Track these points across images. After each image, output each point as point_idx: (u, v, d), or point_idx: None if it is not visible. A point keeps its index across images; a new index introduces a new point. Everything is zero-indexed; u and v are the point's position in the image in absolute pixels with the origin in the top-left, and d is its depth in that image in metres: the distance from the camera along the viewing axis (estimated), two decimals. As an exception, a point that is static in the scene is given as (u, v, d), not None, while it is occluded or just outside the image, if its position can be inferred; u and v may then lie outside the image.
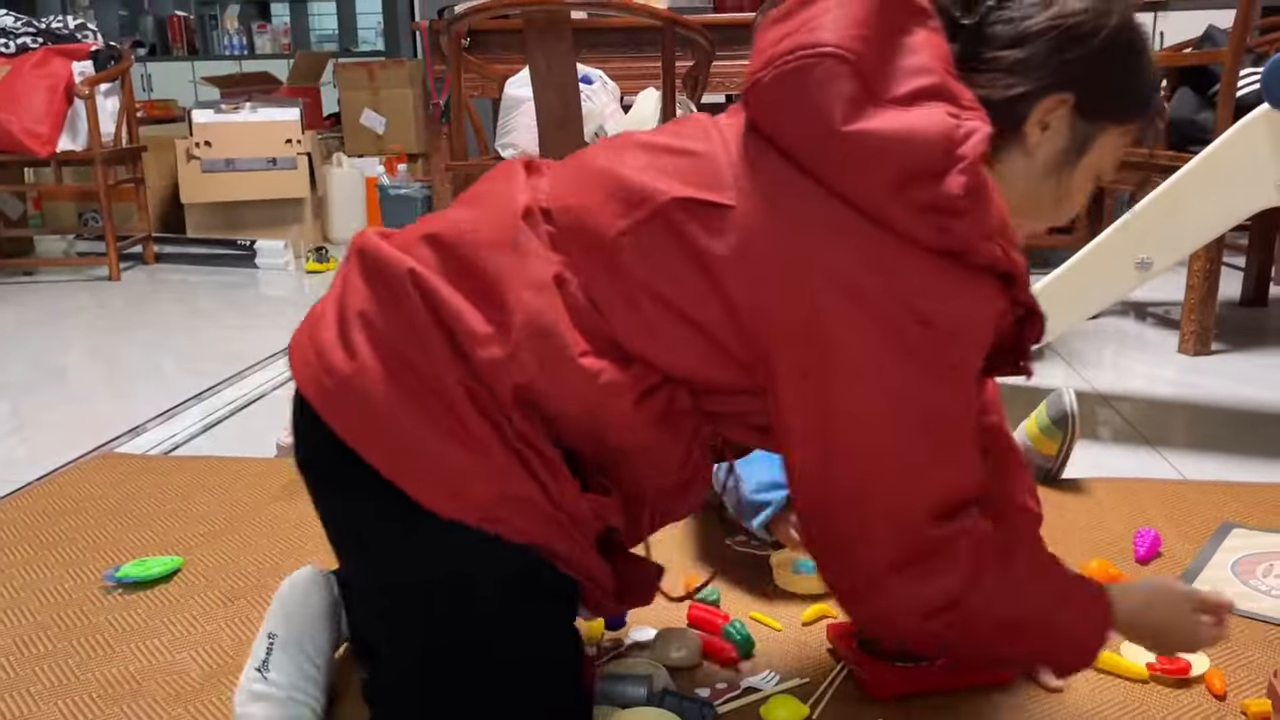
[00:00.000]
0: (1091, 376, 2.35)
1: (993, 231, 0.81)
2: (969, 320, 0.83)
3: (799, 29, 0.82)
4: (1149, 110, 0.94)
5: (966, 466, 0.88)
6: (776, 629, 1.26)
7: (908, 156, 0.79)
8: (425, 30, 3.25)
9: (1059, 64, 0.88)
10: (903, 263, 0.80)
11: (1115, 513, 1.58)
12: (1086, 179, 0.94)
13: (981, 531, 0.88)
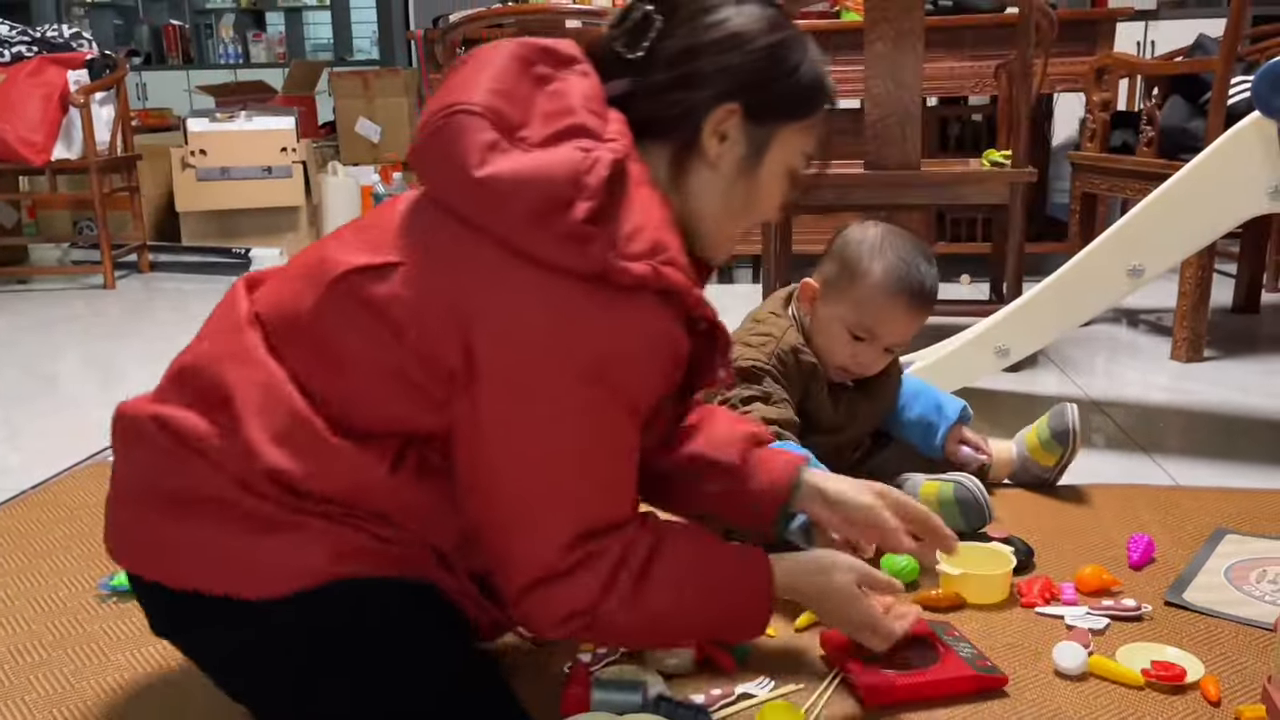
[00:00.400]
0: (1084, 383, 2.35)
1: (639, 252, 0.86)
2: (623, 340, 0.87)
3: (447, 93, 0.90)
4: (820, 105, 1.00)
5: (616, 494, 0.93)
6: (771, 635, 1.26)
7: (539, 192, 0.85)
8: (420, 39, 3.26)
9: (720, 76, 0.94)
10: (550, 292, 0.86)
11: (1109, 519, 1.59)
12: (775, 178, 1.00)
13: (623, 548, 0.93)
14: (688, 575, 0.98)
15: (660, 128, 0.96)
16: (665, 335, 0.90)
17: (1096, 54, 3.03)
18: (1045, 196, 3.89)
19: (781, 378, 1.46)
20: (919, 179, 2.41)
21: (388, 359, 0.89)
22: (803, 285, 1.51)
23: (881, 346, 1.47)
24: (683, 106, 0.95)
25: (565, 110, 0.90)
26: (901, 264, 1.43)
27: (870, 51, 2.30)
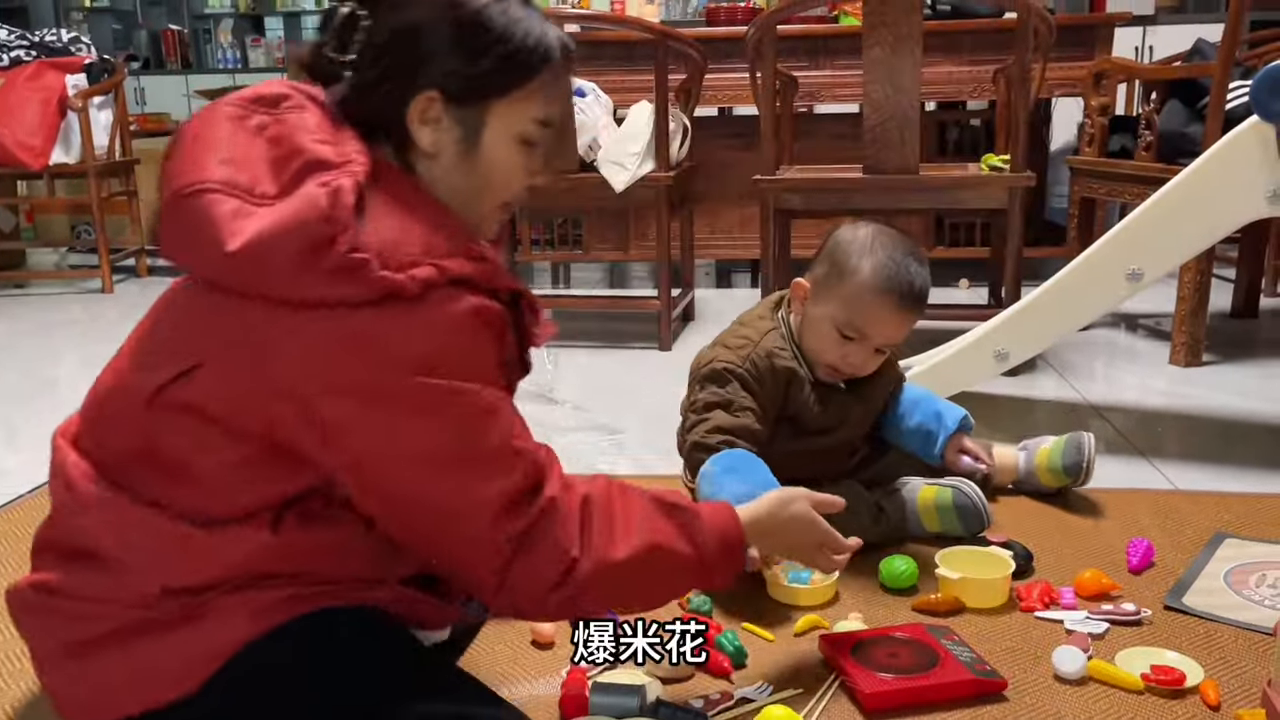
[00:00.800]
0: (1083, 388, 2.35)
1: (413, 258, 0.87)
2: (436, 337, 0.88)
3: (176, 175, 0.90)
4: (534, 70, 0.96)
5: (509, 467, 0.91)
6: (769, 640, 1.26)
7: (295, 242, 0.84)
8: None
9: (412, 65, 0.93)
10: (349, 327, 0.86)
11: (1108, 523, 1.58)
12: (505, 153, 0.97)
13: (558, 502, 0.93)
14: (648, 515, 0.99)
15: (378, 126, 0.95)
16: (473, 314, 0.90)
17: (1095, 59, 3.03)
18: (1043, 201, 3.89)
19: (754, 382, 1.46)
20: (918, 183, 2.41)
21: (228, 453, 0.90)
22: (794, 285, 1.51)
23: (872, 347, 1.46)
24: (386, 102, 0.94)
25: (293, 152, 0.90)
26: (891, 263, 1.42)
27: (869, 56, 2.30)
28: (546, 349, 2.44)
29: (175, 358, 0.91)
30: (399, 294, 0.85)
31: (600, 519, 0.95)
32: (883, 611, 1.33)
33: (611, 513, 0.96)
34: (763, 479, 1.38)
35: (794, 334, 1.51)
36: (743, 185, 3.46)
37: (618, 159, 2.67)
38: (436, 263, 0.88)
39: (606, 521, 0.95)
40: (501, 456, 0.91)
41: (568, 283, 3.99)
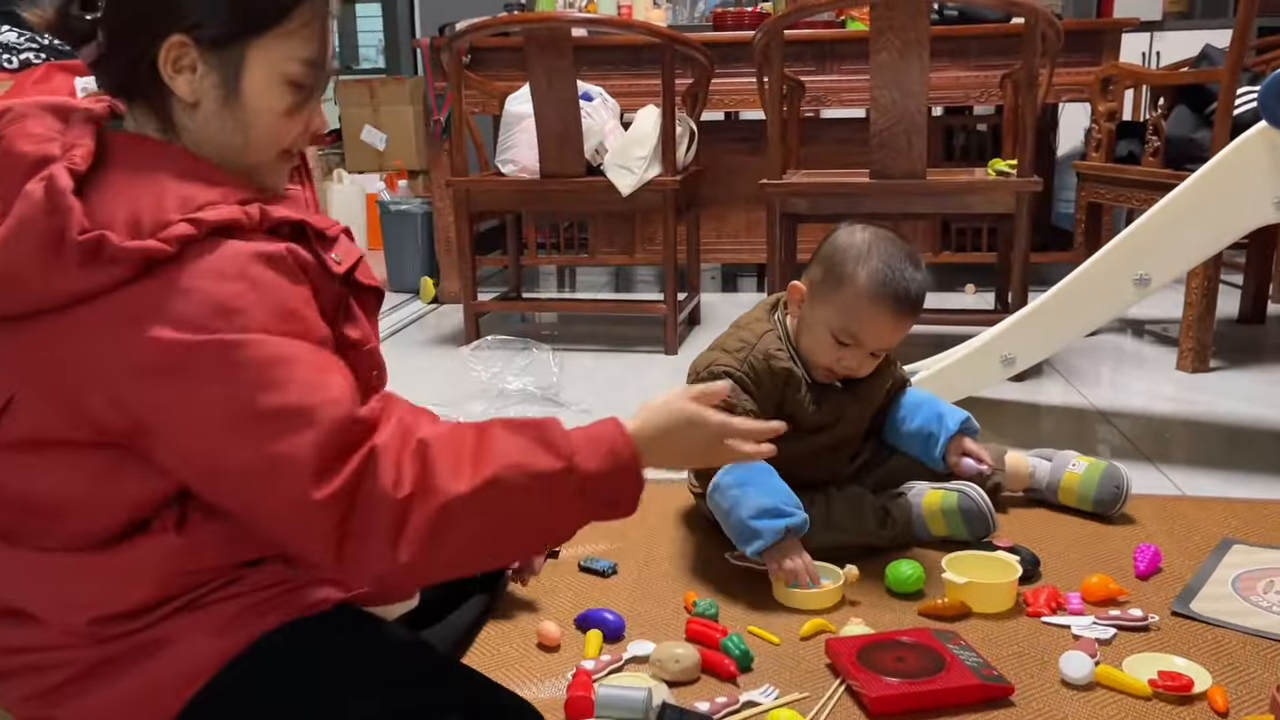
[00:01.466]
0: (1090, 393, 2.35)
1: (161, 220, 0.83)
2: (208, 297, 0.82)
3: None
4: (289, 6, 0.89)
5: (310, 420, 0.82)
6: (775, 643, 1.26)
7: (30, 246, 0.81)
8: (427, 47, 3.27)
9: (155, 11, 0.87)
10: (118, 311, 0.82)
11: (1115, 528, 1.58)
12: (270, 94, 0.91)
13: (385, 449, 0.84)
14: (501, 437, 0.89)
15: (131, 85, 0.90)
16: (246, 259, 0.84)
17: (1102, 64, 3.03)
18: (1050, 206, 3.88)
19: (752, 384, 1.46)
20: (925, 188, 2.41)
21: (84, 471, 0.87)
22: (790, 288, 1.51)
23: (867, 351, 1.46)
24: (135, 54, 0.88)
25: (15, 164, 0.87)
26: (887, 270, 1.42)
27: (876, 61, 2.30)
28: (552, 352, 2.43)
29: None
30: (155, 258, 0.82)
31: (444, 456, 0.86)
32: (889, 616, 1.32)
33: (459, 447, 0.87)
34: (780, 488, 1.38)
35: (790, 335, 1.51)
36: (749, 189, 3.46)
37: (624, 163, 2.67)
38: (190, 217, 0.83)
39: (452, 456, 0.86)
40: (301, 410, 0.82)
41: (573, 286, 3.99)
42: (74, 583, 0.89)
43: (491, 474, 0.86)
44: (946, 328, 2.73)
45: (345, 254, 0.95)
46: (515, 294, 3.37)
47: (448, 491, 0.84)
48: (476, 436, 0.89)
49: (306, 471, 0.81)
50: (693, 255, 3.15)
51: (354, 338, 0.96)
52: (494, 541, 0.89)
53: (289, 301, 0.86)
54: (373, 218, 4.38)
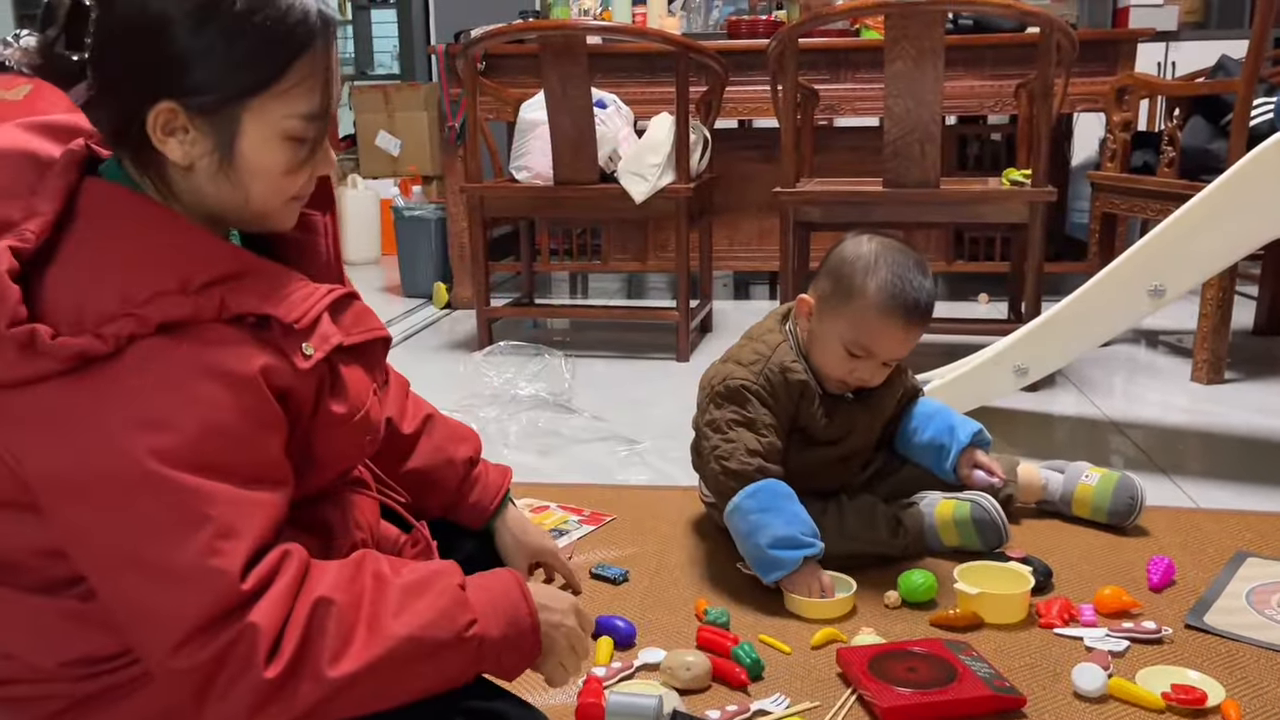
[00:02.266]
0: (1103, 404, 2.34)
1: (107, 313, 0.77)
2: (138, 409, 0.77)
3: None
4: (287, 63, 0.83)
5: (199, 588, 0.77)
6: (786, 652, 1.26)
7: None
8: (442, 54, 3.28)
9: (142, 68, 0.81)
10: (42, 407, 0.78)
11: (1129, 540, 1.57)
12: (268, 152, 0.85)
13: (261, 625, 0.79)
14: (409, 603, 0.85)
15: (119, 138, 0.84)
16: (192, 373, 0.79)
17: (1117, 74, 3.02)
18: (1064, 216, 3.87)
19: (769, 397, 1.45)
20: (938, 197, 2.41)
21: (16, 525, 0.85)
22: (798, 301, 1.50)
23: (879, 362, 1.45)
24: (122, 112, 0.82)
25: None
26: (896, 281, 1.41)
27: (890, 70, 2.30)
28: (564, 358, 2.44)
29: None
30: (89, 356, 0.76)
31: (335, 626, 0.81)
32: (900, 626, 1.32)
33: (354, 611, 0.82)
34: (799, 516, 1.37)
35: (801, 347, 1.51)
36: (762, 197, 3.46)
37: (638, 170, 2.68)
38: (135, 312, 0.77)
39: (344, 625, 0.82)
40: (186, 574, 0.77)
41: (585, 293, 4.00)
42: (43, 625, 0.87)
43: (384, 649, 0.82)
44: (958, 337, 2.73)
45: (321, 340, 0.87)
46: (528, 300, 3.38)
47: (324, 675, 0.80)
48: (374, 597, 0.84)
49: (172, 637, 0.77)
50: (705, 262, 3.15)
51: (340, 413, 0.91)
52: (367, 707, 0.84)
53: (232, 420, 0.80)
54: (386, 223, 4.40)
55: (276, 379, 0.83)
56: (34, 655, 0.88)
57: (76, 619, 0.87)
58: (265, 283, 0.86)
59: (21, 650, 0.89)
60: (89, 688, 0.88)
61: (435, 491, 1.19)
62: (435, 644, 0.85)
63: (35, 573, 0.88)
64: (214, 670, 0.78)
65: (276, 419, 0.84)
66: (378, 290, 3.92)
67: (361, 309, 0.97)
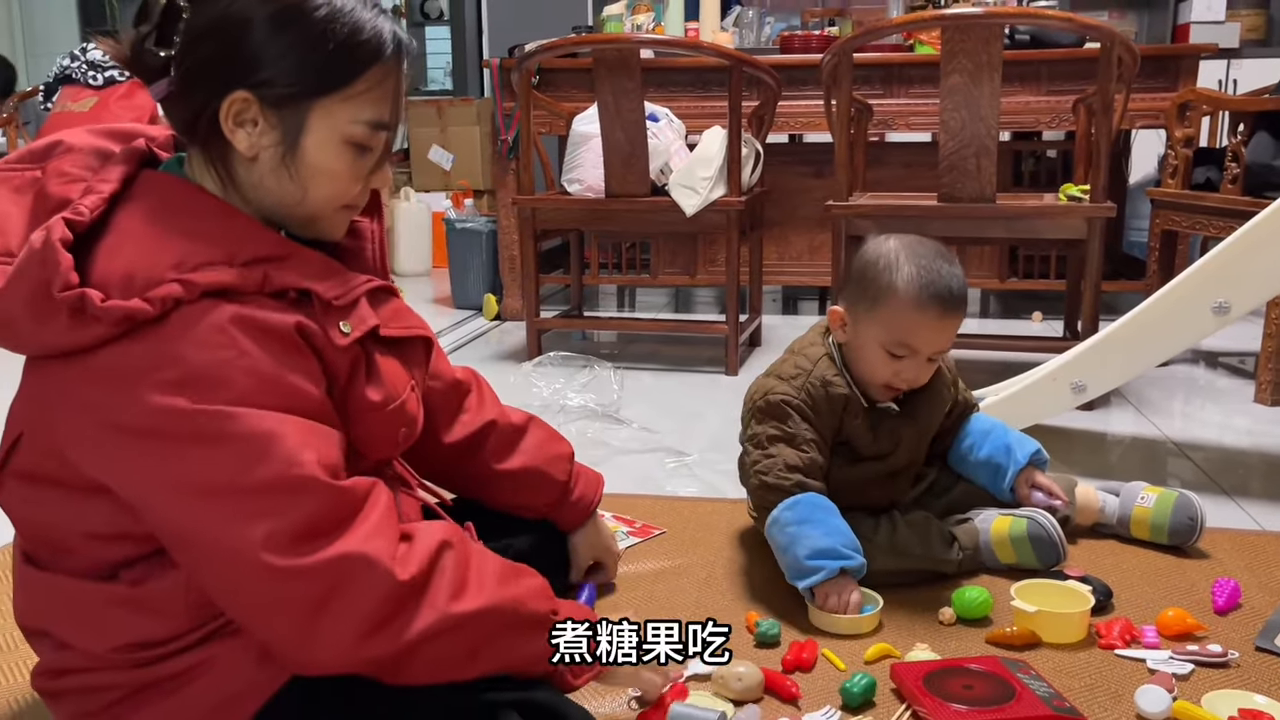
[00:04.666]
0: (1162, 424, 2.29)
1: (154, 278, 0.81)
2: (188, 364, 0.81)
3: None
4: (358, 69, 0.88)
5: (286, 502, 0.82)
6: (840, 668, 1.24)
7: (22, 294, 0.82)
8: (496, 67, 3.32)
9: (221, 63, 0.86)
10: (100, 369, 0.82)
11: (1192, 562, 1.53)
12: (329, 155, 0.90)
13: (375, 543, 0.83)
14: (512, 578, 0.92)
15: (192, 131, 0.90)
16: (232, 327, 0.83)
17: (1178, 90, 2.97)
18: (1121, 234, 3.81)
19: (811, 412, 1.43)
20: (994, 212, 2.38)
21: (73, 509, 0.88)
22: (830, 314, 1.48)
23: (923, 358, 1.42)
24: (199, 101, 0.87)
25: (42, 203, 0.89)
26: (924, 273, 1.38)
27: (947, 84, 2.28)
28: (613, 369, 2.44)
29: (7, 433, 0.92)
30: (137, 319, 0.81)
31: (452, 568, 0.87)
32: (955, 643, 1.30)
33: (467, 568, 0.88)
34: (840, 528, 1.36)
35: (845, 364, 1.48)
36: (812, 212, 3.45)
37: (689, 183, 2.68)
38: (183, 278, 0.82)
39: (459, 569, 0.87)
40: (276, 490, 0.81)
41: (632, 307, 4.00)
42: (94, 611, 0.89)
43: (490, 603, 0.88)
44: (1012, 355, 2.69)
45: (359, 321, 0.91)
46: (577, 312, 3.39)
47: (441, 606, 0.85)
48: (479, 561, 0.91)
49: (282, 544, 0.80)
50: (755, 276, 3.14)
51: (375, 400, 0.93)
52: (450, 666, 0.88)
53: (276, 370, 0.84)
54: (438, 236, 4.44)
55: (313, 339, 0.87)
56: (88, 642, 0.90)
57: (127, 604, 0.89)
58: (308, 266, 0.90)
59: (76, 638, 0.91)
60: (144, 676, 0.90)
61: (545, 487, 1.23)
62: (528, 617, 0.91)
63: (86, 557, 0.90)
64: (336, 572, 0.81)
65: (315, 371, 0.87)
66: (429, 301, 3.95)
67: (401, 306, 1.01)
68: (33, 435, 0.89)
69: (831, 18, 4.05)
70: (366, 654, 0.83)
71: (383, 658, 0.84)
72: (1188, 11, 4.29)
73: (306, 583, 0.81)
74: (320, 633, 0.82)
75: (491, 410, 1.23)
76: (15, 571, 0.97)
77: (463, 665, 0.89)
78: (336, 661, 0.84)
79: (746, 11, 4.04)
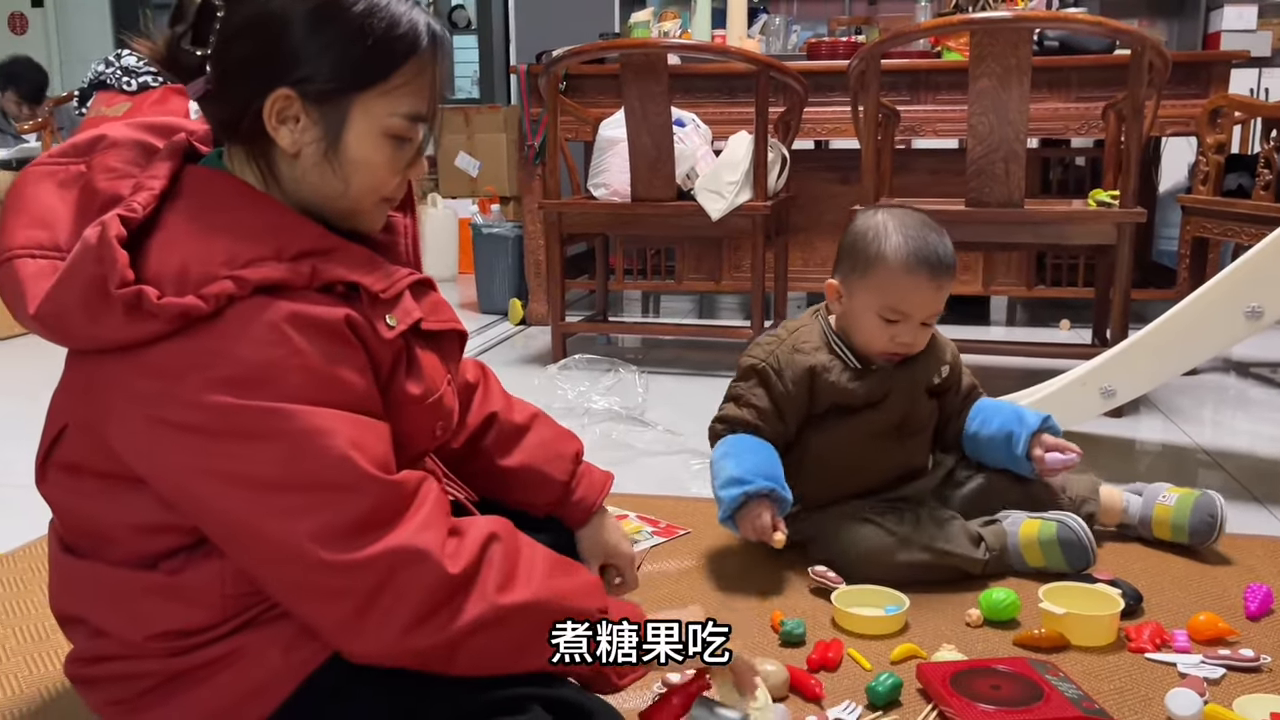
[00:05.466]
0: (1193, 431, 2.26)
1: (205, 275, 0.82)
2: (242, 360, 0.82)
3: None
4: (396, 62, 0.88)
5: (339, 498, 0.82)
6: (866, 668, 1.23)
7: (75, 291, 0.83)
8: (524, 73, 3.33)
9: (260, 60, 0.87)
10: (153, 365, 0.83)
11: (1223, 568, 1.51)
12: (370, 149, 0.90)
13: (426, 535, 0.84)
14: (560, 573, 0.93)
15: (232, 127, 0.90)
16: (285, 323, 0.83)
17: (1208, 98, 2.95)
18: (1151, 242, 3.78)
19: (774, 376, 1.50)
20: (1022, 217, 2.37)
21: (129, 498, 0.89)
22: (826, 287, 1.53)
23: (917, 322, 1.46)
24: (240, 100, 0.88)
25: (90, 198, 0.90)
26: (912, 240, 1.44)
27: (975, 88, 2.27)
28: (638, 373, 2.44)
29: (51, 424, 0.94)
30: (192, 316, 0.82)
31: (501, 560, 0.88)
32: (982, 645, 1.29)
33: (512, 553, 0.89)
34: (755, 462, 1.43)
35: (836, 331, 1.52)
36: (838, 218, 3.43)
37: (715, 187, 2.68)
38: (235, 274, 0.83)
39: (507, 564, 0.88)
40: (328, 485, 0.82)
41: (657, 313, 4.01)
42: (131, 600, 0.90)
43: (538, 596, 0.88)
44: (1039, 361, 2.67)
45: (404, 314, 0.93)
46: (601, 317, 3.40)
47: (491, 597, 0.85)
48: (528, 553, 0.91)
49: (335, 539, 0.81)
50: (780, 282, 3.13)
51: (415, 393, 0.94)
52: (498, 659, 0.89)
53: (327, 367, 0.85)
54: (464, 241, 4.46)
55: (361, 333, 0.88)
56: (124, 630, 0.91)
57: (164, 593, 0.89)
58: (353, 259, 0.91)
59: (112, 626, 0.92)
60: (177, 665, 0.90)
61: (545, 486, 1.21)
62: (575, 614, 0.90)
63: (128, 548, 0.91)
64: (387, 564, 0.82)
65: (363, 364, 0.88)
66: (455, 306, 3.96)
67: (439, 300, 1.01)
68: (79, 428, 0.90)
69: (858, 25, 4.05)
70: (413, 645, 0.84)
71: (429, 649, 0.85)
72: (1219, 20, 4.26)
73: (359, 576, 0.82)
74: (369, 624, 0.83)
75: (494, 403, 1.22)
76: (52, 560, 0.98)
77: (510, 659, 0.89)
78: (383, 652, 0.85)
79: (773, 19, 4.05)
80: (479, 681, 0.90)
